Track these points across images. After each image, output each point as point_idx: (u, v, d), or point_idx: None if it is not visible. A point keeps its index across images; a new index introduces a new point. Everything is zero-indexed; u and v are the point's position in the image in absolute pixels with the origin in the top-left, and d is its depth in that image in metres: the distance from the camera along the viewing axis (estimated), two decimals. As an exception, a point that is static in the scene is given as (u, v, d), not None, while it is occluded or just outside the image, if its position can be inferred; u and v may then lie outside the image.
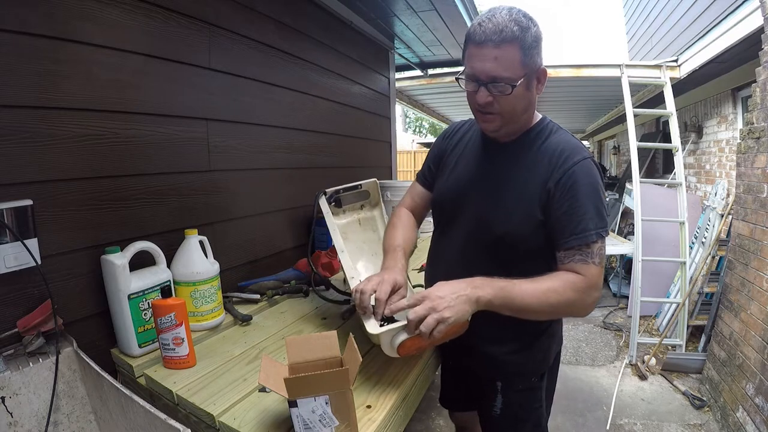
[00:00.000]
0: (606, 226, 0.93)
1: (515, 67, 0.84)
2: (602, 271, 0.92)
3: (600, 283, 0.92)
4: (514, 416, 1.10)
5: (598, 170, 0.95)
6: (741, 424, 1.93)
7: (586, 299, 0.90)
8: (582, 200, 0.90)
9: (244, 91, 1.62)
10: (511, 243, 0.96)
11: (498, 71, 0.85)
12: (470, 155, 1.08)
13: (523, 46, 0.84)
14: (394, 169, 3.24)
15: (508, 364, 1.05)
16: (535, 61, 0.87)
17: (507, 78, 0.85)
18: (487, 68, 0.85)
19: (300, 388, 0.73)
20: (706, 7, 3.24)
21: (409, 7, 2.30)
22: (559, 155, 0.93)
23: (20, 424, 0.85)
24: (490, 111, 0.91)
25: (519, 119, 0.96)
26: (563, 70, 3.83)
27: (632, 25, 6.13)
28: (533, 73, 0.89)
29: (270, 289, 1.50)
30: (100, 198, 1.11)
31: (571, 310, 0.93)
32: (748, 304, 2.10)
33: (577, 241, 0.90)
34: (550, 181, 0.92)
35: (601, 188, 0.94)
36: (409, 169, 11.58)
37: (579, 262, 0.90)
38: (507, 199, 0.96)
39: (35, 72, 0.96)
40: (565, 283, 0.89)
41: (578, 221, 0.89)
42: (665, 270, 3.32)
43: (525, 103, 0.92)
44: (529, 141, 0.98)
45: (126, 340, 1.05)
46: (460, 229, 1.04)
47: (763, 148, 2.09)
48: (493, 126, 0.95)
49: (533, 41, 0.85)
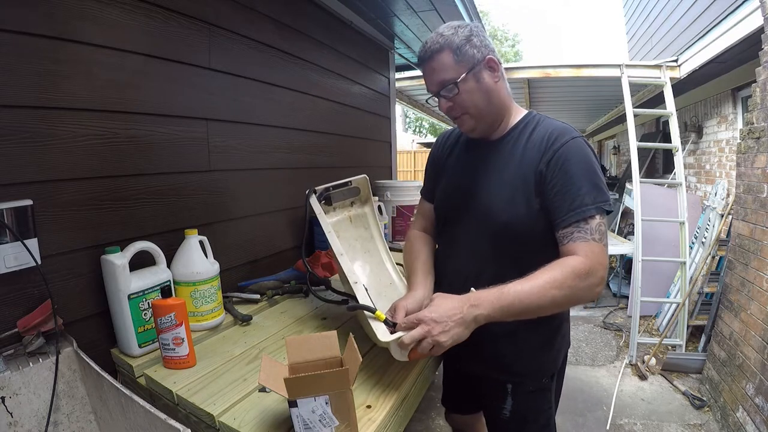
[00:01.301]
0: (606, 200, 0.90)
1: (452, 68, 0.93)
2: (605, 249, 0.88)
3: (604, 261, 0.87)
4: (524, 419, 1.07)
5: (590, 148, 0.95)
6: (741, 424, 1.93)
7: (591, 281, 0.85)
8: (575, 176, 0.89)
9: (244, 91, 1.62)
10: (516, 234, 0.95)
11: (440, 77, 0.94)
12: (463, 158, 1.10)
13: (452, 48, 0.92)
14: (394, 169, 3.24)
15: (519, 365, 1.03)
16: (471, 55, 0.93)
17: (449, 79, 0.93)
18: (432, 80, 0.96)
19: (300, 388, 0.73)
20: (706, 7, 3.24)
21: (409, 7, 2.30)
22: (548, 139, 0.94)
23: (20, 424, 0.85)
24: (456, 114, 0.98)
25: (488, 111, 0.98)
26: (563, 70, 3.83)
27: (632, 25, 6.13)
28: (476, 66, 0.94)
29: (270, 289, 1.50)
30: (100, 198, 1.11)
31: (578, 298, 0.87)
32: (748, 304, 2.10)
33: (574, 217, 0.88)
34: (540, 164, 0.92)
35: (594, 163, 0.92)
36: (409, 169, 11.57)
37: (578, 240, 0.87)
38: (504, 191, 0.97)
39: (35, 72, 0.96)
40: (565, 271, 0.85)
41: (573, 197, 0.88)
42: (665, 270, 3.32)
43: (483, 95, 0.96)
44: (518, 134, 1.00)
45: (126, 340, 1.05)
46: (464, 228, 1.04)
47: (763, 148, 2.09)
48: (467, 126, 1.00)
49: (462, 40, 0.92)
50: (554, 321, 1.04)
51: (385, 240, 1.56)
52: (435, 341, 0.82)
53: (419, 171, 11.35)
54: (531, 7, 60.25)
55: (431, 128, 21.43)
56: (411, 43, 3.01)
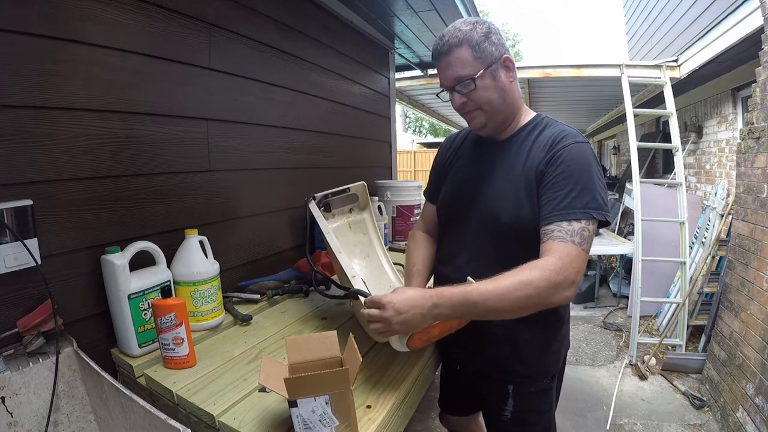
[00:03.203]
0: (599, 209, 0.87)
1: (470, 63, 0.93)
2: (583, 254, 0.85)
3: (578, 266, 0.84)
4: (525, 420, 1.07)
5: (593, 154, 0.95)
6: (741, 424, 1.93)
7: (559, 284, 0.81)
8: (568, 178, 0.88)
9: (244, 91, 1.62)
10: (518, 234, 0.95)
11: (457, 73, 0.94)
12: (470, 159, 1.10)
13: (471, 44, 0.92)
14: (394, 169, 3.24)
15: (521, 366, 1.03)
16: (490, 52, 0.93)
17: (467, 75, 0.93)
18: (448, 75, 0.95)
19: (300, 388, 0.73)
20: (706, 7, 3.24)
21: (409, 7, 2.30)
22: (553, 141, 0.94)
23: (20, 424, 0.85)
24: (469, 109, 0.98)
25: (501, 110, 0.99)
26: (563, 70, 3.83)
27: (632, 25, 6.13)
28: (494, 63, 0.94)
29: (270, 289, 1.50)
30: (100, 198, 1.11)
31: (545, 302, 0.83)
32: (748, 304, 2.10)
33: (558, 216, 0.87)
34: (542, 164, 0.93)
35: (594, 170, 0.90)
36: (409, 169, 11.56)
37: (557, 240, 0.85)
38: (508, 191, 0.97)
39: (35, 72, 0.96)
40: (533, 272, 0.82)
41: (562, 197, 0.88)
42: (665, 270, 3.32)
43: (498, 93, 0.96)
44: (525, 135, 1.01)
45: (126, 340, 1.05)
46: (467, 228, 1.05)
47: (763, 148, 2.09)
48: (478, 122, 1.00)
49: (481, 36, 0.92)
50: (556, 322, 1.04)
51: (384, 245, 1.57)
52: (389, 330, 0.86)
53: (419, 171, 11.35)
54: (531, 7, 60.26)
55: (431, 128, 21.43)
56: (411, 43, 3.01)
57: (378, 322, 0.86)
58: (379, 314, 0.85)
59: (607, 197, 0.92)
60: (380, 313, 0.85)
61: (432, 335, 0.91)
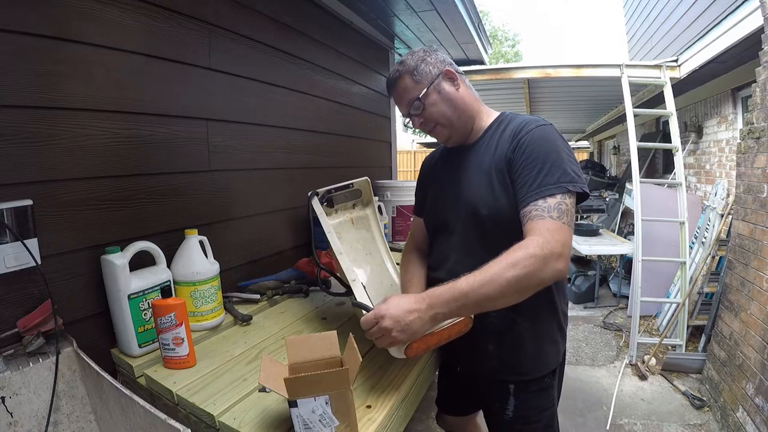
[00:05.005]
0: (573, 181, 0.88)
1: (413, 88, 1.02)
2: (565, 227, 0.85)
3: (562, 238, 0.83)
4: (527, 419, 1.07)
5: (558, 134, 0.96)
6: (741, 424, 1.93)
7: (546, 256, 0.80)
8: (537, 159, 0.90)
9: (244, 91, 1.62)
10: (501, 226, 0.95)
11: (406, 99, 1.03)
12: (446, 169, 1.14)
13: (409, 71, 1.02)
14: (394, 169, 3.24)
15: (520, 364, 1.04)
16: (427, 72, 1.01)
17: (414, 98, 1.02)
18: (401, 104, 1.06)
19: (300, 388, 0.73)
20: (706, 7, 3.24)
21: (409, 7, 2.30)
22: (516, 130, 0.97)
23: (20, 424, 0.85)
24: (429, 127, 1.06)
25: (458, 118, 1.04)
26: (563, 70, 3.82)
27: (632, 25, 6.13)
28: (435, 80, 1.01)
29: (270, 289, 1.50)
30: (100, 198, 1.11)
31: (536, 277, 0.82)
32: (748, 304, 2.10)
33: (533, 196, 0.88)
34: (509, 151, 0.96)
35: (560, 147, 0.92)
36: (409, 169, 11.57)
37: (535, 219, 0.86)
38: (482, 186, 0.99)
39: (35, 72, 0.96)
40: (517, 252, 0.82)
41: (534, 178, 0.89)
42: (665, 270, 3.32)
43: (448, 104, 1.02)
44: (491, 134, 1.04)
45: (126, 340, 1.05)
46: (454, 230, 1.06)
47: (763, 148, 2.09)
48: (442, 135, 1.07)
49: (418, 62, 1.02)
50: (553, 316, 1.04)
51: (386, 242, 1.57)
52: (391, 340, 0.85)
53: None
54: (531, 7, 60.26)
55: (431, 128, 21.34)
56: (411, 43, 3.01)
57: (379, 335, 0.85)
58: (377, 328, 0.85)
59: (580, 170, 0.92)
60: (378, 326, 0.85)
61: (430, 343, 0.90)
